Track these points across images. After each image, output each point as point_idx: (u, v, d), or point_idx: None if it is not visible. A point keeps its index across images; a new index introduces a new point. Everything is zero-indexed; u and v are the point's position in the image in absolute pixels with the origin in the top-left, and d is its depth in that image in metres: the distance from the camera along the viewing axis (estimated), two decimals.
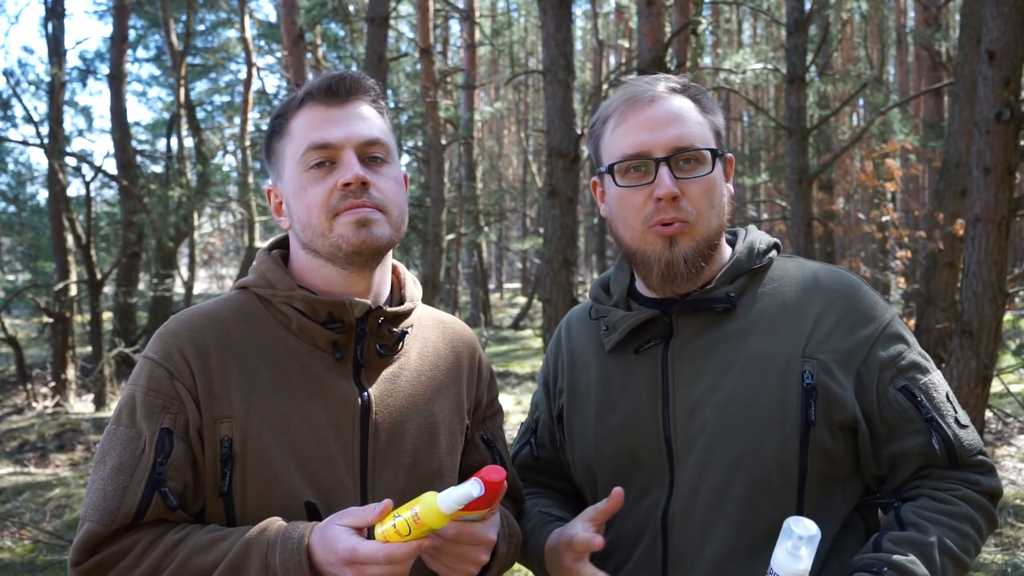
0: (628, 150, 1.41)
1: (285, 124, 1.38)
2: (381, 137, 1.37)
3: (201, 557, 1.20)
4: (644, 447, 1.43)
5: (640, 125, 1.41)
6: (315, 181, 1.33)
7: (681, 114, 1.42)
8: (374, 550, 1.13)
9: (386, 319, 1.38)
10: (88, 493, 1.27)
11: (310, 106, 1.36)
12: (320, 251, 1.34)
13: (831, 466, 1.36)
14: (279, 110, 1.41)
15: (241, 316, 1.36)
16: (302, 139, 1.34)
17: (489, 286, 25.53)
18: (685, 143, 1.40)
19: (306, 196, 1.33)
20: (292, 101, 1.39)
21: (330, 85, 1.36)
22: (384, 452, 1.36)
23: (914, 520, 1.33)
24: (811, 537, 1.16)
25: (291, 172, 1.36)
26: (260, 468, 1.27)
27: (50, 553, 5.79)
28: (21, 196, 18.06)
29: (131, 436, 1.27)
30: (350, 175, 1.31)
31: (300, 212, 1.34)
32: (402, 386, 1.41)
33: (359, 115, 1.36)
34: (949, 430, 1.36)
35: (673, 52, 9.69)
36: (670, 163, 1.39)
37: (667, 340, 1.45)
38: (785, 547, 1.17)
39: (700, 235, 1.40)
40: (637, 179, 1.41)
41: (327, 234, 1.32)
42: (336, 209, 1.31)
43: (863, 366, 1.37)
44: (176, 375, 1.28)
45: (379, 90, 1.43)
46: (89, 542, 1.23)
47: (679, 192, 1.38)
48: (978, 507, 1.37)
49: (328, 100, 1.35)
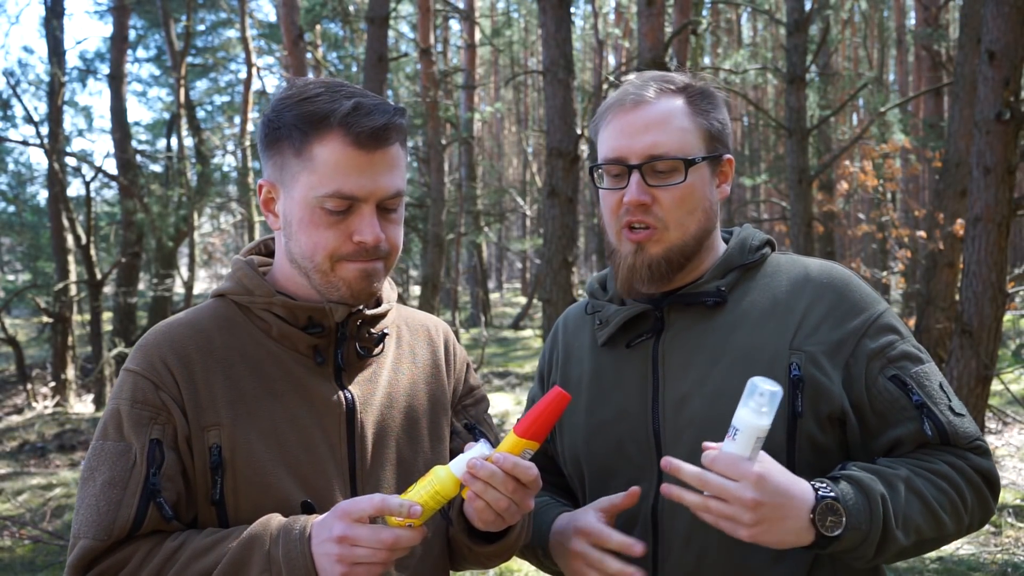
0: (608, 153, 1.45)
1: (305, 143, 1.28)
2: (402, 187, 1.34)
3: (202, 559, 1.20)
4: (632, 440, 1.44)
5: (620, 130, 1.43)
6: (328, 225, 1.28)
7: (663, 120, 1.42)
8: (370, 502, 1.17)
9: (364, 321, 1.39)
10: (79, 510, 1.25)
11: (341, 141, 1.27)
12: (313, 282, 1.33)
13: (819, 458, 1.36)
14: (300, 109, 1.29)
15: (221, 324, 1.35)
16: (325, 179, 1.27)
17: (489, 286, 25.53)
18: (659, 151, 1.40)
19: (315, 234, 1.29)
20: (316, 115, 1.27)
21: (373, 132, 1.27)
22: (371, 451, 1.37)
23: (886, 463, 1.34)
24: (774, 393, 1.18)
25: (302, 198, 1.29)
26: (251, 474, 1.27)
27: (50, 553, 5.80)
28: (21, 196, 18.08)
29: (120, 450, 1.25)
30: (369, 237, 1.28)
31: (304, 245, 1.31)
32: (383, 385, 1.42)
33: (389, 163, 1.30)
34: (942, 416, 1.35)
35: (673, 52, 9.69)
36: (643, 170, 1.40)
37: (658, 334, 1.46)
38: (748, 405, 1.19)
39: (670, 241, 1.42)
40: (615, 183, 1.45)
41: (327, 273, 1.31)
42: (344, 258, 1.30)
43: (852, 357, 1.37)
44: (161, 386, 1.27)
45: (407, 122, 1.37)
46: (85, 558, 1.22)
47: (649, 200, 1.40)
48: (963, 474, 1.34)
49: (362, 144, 1.27)
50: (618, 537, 1.35)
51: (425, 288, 12.03)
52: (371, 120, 1.27)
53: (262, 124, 1.36)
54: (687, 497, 1.23)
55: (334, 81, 1.34)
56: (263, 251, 1.48)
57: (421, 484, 1.21)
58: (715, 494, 1.20)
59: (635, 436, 1.44)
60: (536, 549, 1.51)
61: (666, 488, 1.26)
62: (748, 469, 1.19)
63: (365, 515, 1.16)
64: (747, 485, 1.19)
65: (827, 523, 1.21)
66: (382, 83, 8.10)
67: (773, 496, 1.19)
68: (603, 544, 1.36)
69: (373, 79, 7.89)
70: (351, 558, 1.15)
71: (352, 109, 1.27)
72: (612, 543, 1.35)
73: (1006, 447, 7.34)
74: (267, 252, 1.48)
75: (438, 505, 1.21)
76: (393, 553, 1.17)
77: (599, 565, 1.36)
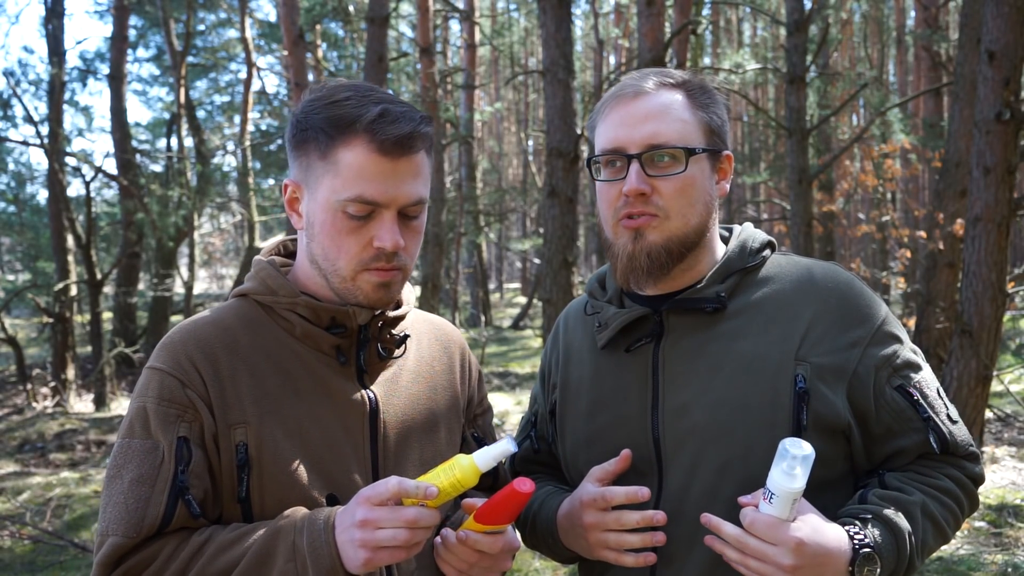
0: (606, 145, 1.43)
1: (330, 146, 1.29)
2: (425, 195, 1.35)
3: (229, 552, 1.21)
4: (633, 447, 1.43)
5: (619, 121, 1.42)
6: (350, 230, 1.31)
7: (662, 111, 1.41)
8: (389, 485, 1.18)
9: (386, 323, 1.41)
10: (106, 508, 1.26)
11: (366, 147, 1.28)
12: (331, 283, 1.35)
13: (823, 469, 1.35)
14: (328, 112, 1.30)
15: (245, 323, 1.36)
16: (348, 183, 1.28)
17: (489, 286, 25.53)
18: (659, 140, 1.39)
19: (338, 239, 1.31)
20: (344, 119, 1.28)
21: (398, 139, 1.28)
22: (394, 451, 1.39)
23: (898, 485, 1.36)
24: (806, 456, 1.20)
25: (325, 201, 1.31)
26: (276, 472, 1.29)
27: (50, 553, 5.80)
28: (21, 196, 18.08)
29: (148, 447, 1.26)
30: (389, 243, 1.30)
31: (328, 249, 1.33)
32: (403, 386, 1.44)
33: (413, 171, 1.31)
34: (944, 427, 1.38)
35: (673, 52, 9.69)
36: (642, 160, 1.39)
37: (658, 339, 1.45)
38: (781, 467, 1.20)
39: (670, 231, 1.40)
40: (613, 174, 1.43)
41: (347, 281, 1.33)
42: (365, 265, 1.32)
43: (859, 366, 1.36)
44: (188, 383, 1.28)
45: (434, 130, 1.39)
46: (114, 555, 1.22)
47: (648, 189, 1.38)
48: (962, 487, 1.40)
49: (387, 151, 1.28)
50: (623, 489, 1.36)
51: (425, 288, 12.02)
52: (397, 128, 1.28)
53: (291, 124, 1.37)
54: (728, 553, 1.27)
55: (363, 84, 1.35)
56: (282, 252, 1.50)
57: (440, 470, 1.23)
58: (755, 557, 1.23)
59: (635, 443, 1.43)
60: (546, 537, 1.51)
61: (709, 540, 1.29)
62: (787, 535, 1.21)
63: (384, 499, 1.17)
64: (786, 551, 1.21)
65: (864, 572, 1.24)
66: (382, 83, 8.11)
67: (812, 559, 1.22)
68: (611, 502, 1.37)
69: (373, 79, 7.89)
70: (373, 542, 1.16)
71: (379, 115, 1.28)
72: (619, 498, 1.36)
73: (1006, 447, 7.34)
74: (286, 253, 1.50)
75: (455, 492, 1.22)
76: (414, 532, 1.18)
77: (617, 523, 1.36)
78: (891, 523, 1.28)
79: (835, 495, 1.38)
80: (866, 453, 1.39)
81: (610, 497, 1.37)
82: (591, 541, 1.40)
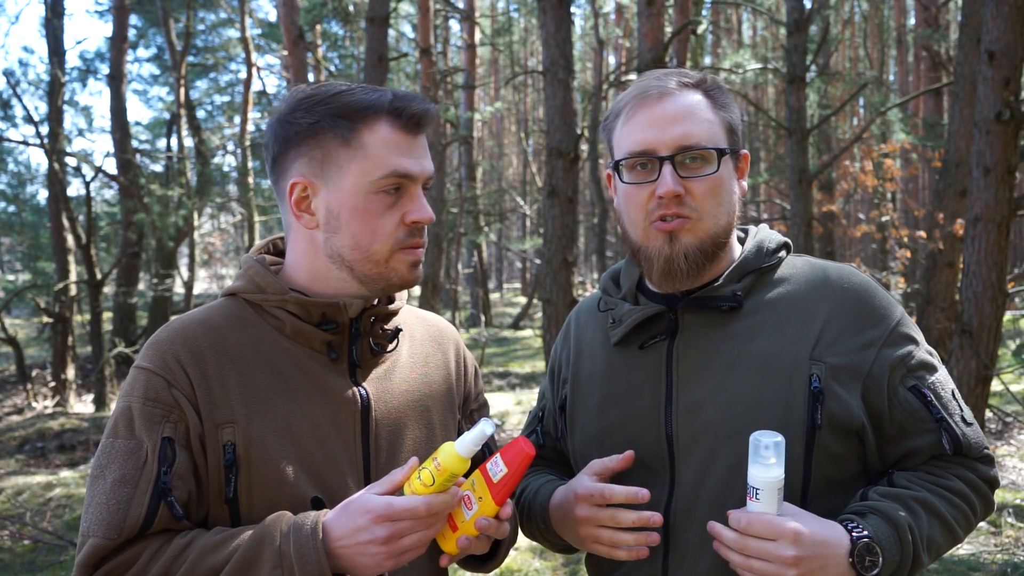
0: (635, 147, 1.41)
1: (353, 131, 1.32)
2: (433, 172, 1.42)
3: (212, 557, 1.20)
4: (645, 443, 1.43)
5: (648, 122, 1.40)
6: (384, 209, 1.33)
7: (690, 111, 1.40)
8: (412, 502, 1.20)
9: (377, 318, 1.40)
10: (88, 509, 1.25)
11: (391, 125, 1.33)
12: (360, 271, 1.35)
13: (836, 469, 1.36)
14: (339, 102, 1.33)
15: (234, 321, 1.35)
16: (381, 161, 1.31)
17: (489, 286, 25.54)
18: (691, 142, 1.38)
19: (373, 221, 1.32)
20: (362, 104, 1.32)
21: (416, 116, 1.34)
22: (386, 448, 1.38)
23: (904, 483, 1.36)
24: (777, 443, 1.22)
25: (355, 187, 1.32)
26: (265, 471, 1.27)
27: (50, 553, 5.80)
28: (21, 196, 18.09)
29: (131, 448, 1.25)
30: (424, 215, 1.35)
31: (360, 236, 1.33)
32: (396, 383, 1.43)
33: (425, 148, 1.39)
34: (957, 428, 1.37)
35: (673, 52, 9.70)
36: (674, 161, 1.38)
37: (672, 336, 1.44)
38: (757, 461, 1.22)
39: (704, 232, 1.40)
40: (642, 176, 1.41)
41: (381, 264, 1.34)
42: (401, 244, 1.34)
43: (874, 366, 1.36)
44: (174, 383, 1.27)
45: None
46: (94, 557, 1.21)
47: (682, 191, 1.38)
48: (974, 488, 1.39)
49: (409, 128, 1.34)
50: (622, 489, 1.36)
51: (425, 288, 12.02)
52: (415, 105, 1.35)
53: (281, 125, 1.36)
54: (732, 557, 1.27)
55: (346, 82, 1.38)
56: (272, 250, 1.49)
57: (427, 465, 1.24)
58: (756, 556, 1.23)
59: (647, 440, 1.43)
60: (539, 524, 1.51)
61: (717, 546, 1.30)
62: (783, 527, 1.22)
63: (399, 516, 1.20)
64: (785, 544, 1.21)
65: (866, 563, 1.24)
66: (382, 83, 8.10)
67: (812, 548, 1.22)
68: (609, 501, 1.36)
69: (373, 79, 7.89)
70: (399, 549, 1.20)
71: (395, 97, 1.34)
72: (618, 497, 1.35)
73: (1006, 447, 7.34)
74: (276, 252, 1.48)
75: (448, 485, 1.24)
76: (435, 526, 1.23)
77: (612, 520, 1.36)
78: (889, 515, 1.28)
79: (846, 496, 1.38)
80: (879, 454, 1.39)
81: (608, 495, 1.36)
82: (582, 535, 1.41)
